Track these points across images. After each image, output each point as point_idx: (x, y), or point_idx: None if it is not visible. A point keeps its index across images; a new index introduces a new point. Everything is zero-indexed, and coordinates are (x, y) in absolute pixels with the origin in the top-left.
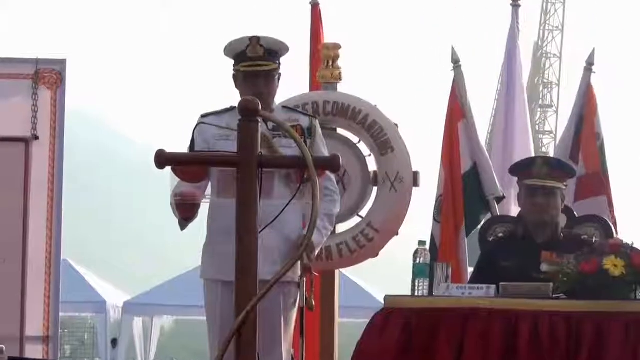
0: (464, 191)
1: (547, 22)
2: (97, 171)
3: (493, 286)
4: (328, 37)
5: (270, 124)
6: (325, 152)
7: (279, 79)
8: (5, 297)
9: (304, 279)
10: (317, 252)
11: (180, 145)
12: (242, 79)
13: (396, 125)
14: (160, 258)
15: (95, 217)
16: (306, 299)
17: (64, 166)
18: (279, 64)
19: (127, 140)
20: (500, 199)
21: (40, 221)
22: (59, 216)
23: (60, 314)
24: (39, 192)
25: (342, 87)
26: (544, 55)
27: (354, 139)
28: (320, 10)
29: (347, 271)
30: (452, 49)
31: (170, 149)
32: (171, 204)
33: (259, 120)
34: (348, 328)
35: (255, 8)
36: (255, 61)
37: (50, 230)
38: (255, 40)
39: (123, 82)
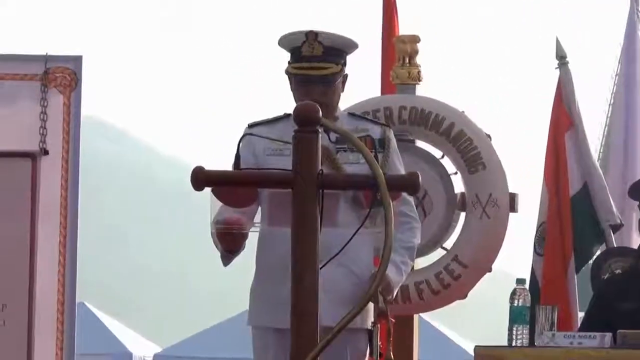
0: (572, 217)
1: None
2: (119, 192)
3: (609, 334)
4: (403, 29)
5: (334, 135)
6: (402, 170)
7: (344, 83)
8: (8, 351)
9: (378, 325)
10: (395, 292)
11: (220, 160)
12: (295, 82)
13: (488, 136)
14: (198, 300)
15: (118, 250)
16: (380, 351)
17: (79, 186)
18: (344, 64)
19: (153, 153)
20: (617, 227)
21: (51, 255)
22: (74, 248)
23: None
24: (48, 219)
25: (421, 90)
26: None
27: (437, 153)
28: None
29: (429, 316)
30: (557, 41)
31: (209, 165)
32: (212, 233)
33: (320, 130)
34: None
35: None
36: (311, 62)
37: (63, 267)
38: (312, 37)
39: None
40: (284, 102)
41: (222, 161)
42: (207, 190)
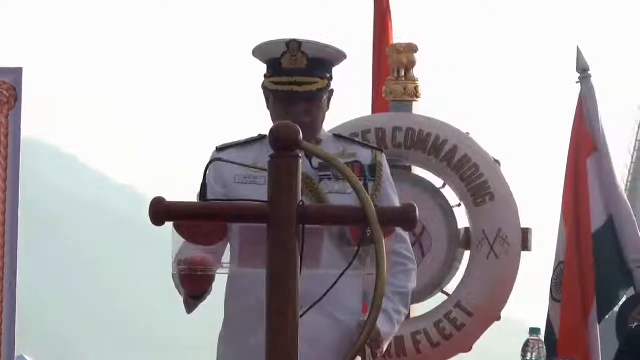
0: (595, 257)
1: None
2: (65, 226)
3: None
4: (398, 36)
5: (316, 161)
6: (396, 201)
7: (329, 99)
8: None
9: None
10: (385, 345)
11: (183, 190)
12: (273, 99)
13: (497, 162)
14: (158, 350)
15: (64, 292)
16: None
17: (19, 219)
18: (330, 78)
19: (105, 181)
20: None
21: None
22: (13, 293)
23: None
24: None
25: (419, 108)
26: None
27: (437, 181)
28: None
29: None
30: (578, 52)
31: (170, 195)
32: (174, 275)
33: (300, 155)
34: None
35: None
36: (292, 76)
37: (0, 315)
38: (294, 46)
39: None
40: (258, 121)
41: (186, 191)
42: (169, 224)
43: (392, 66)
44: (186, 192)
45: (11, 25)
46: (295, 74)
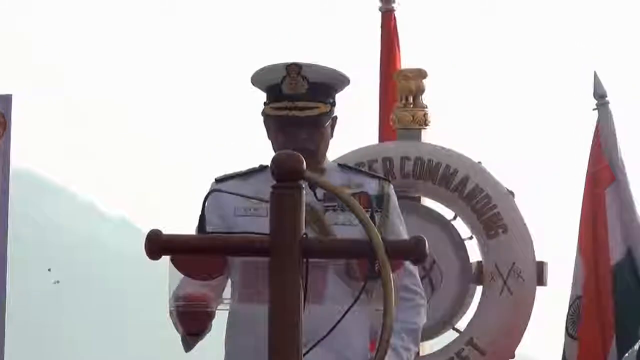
0: (614, 291)
1: None
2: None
3: None
4: (407, 61)
5: (321, 191)
6: (404, 233)
7: (333, 127)
8: None
9: None
10: None
11: (181, 223)
12: (274, 127)
13: (510, 192)
14: None
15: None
16: None
17: (7, 262)
18: (333, 103)
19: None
20: None
21: None
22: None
23: None
24: None
25: (428, 136)
26: None
27: (447, 213)
28: (395, 20)
29: None
30: (595, 77)
31: (167, 227)
32: (171, 311)
33: (303, 185)
34: None
35: (300, 17)
36: (294, 101)
37: None
38: (294, 70)
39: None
40: (259, 151)
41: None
42: (165, 259)
43: (400, 93)
44: (182, 224)
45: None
46: (295, 98)
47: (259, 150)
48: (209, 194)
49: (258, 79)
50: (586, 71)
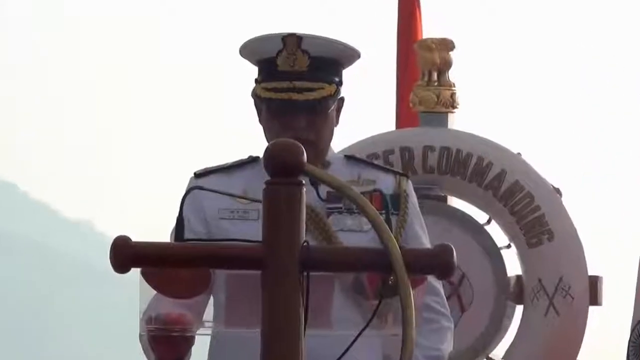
0: None
1: None
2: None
3: None
4: (430, 29)
5: (324, 189)
6: (426, 241)
7: (338, 111)
8: None
9: None
10: None
11: (152, 228)
12: (267, 111)
13: (557, 190)
14: None
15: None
16: None
17: None
18: (339, 83)
19: (54, 217)
20: None
21: None
22: None
23: None
24: None
25: (456, 121)
26: None
27: (480, 216)
28: None
29: None
30: None
31: (136, 234)
32: (141, 336)
33: (304, 182)
34: None
35: None
36: (290, 80)
37: None
38: (292, 42)
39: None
40: (248, 140)
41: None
42: (135, 271)
43: (422, 68)
44: (157, 230)
45: None
46: (293, 77)
47: (248, 138)
48: (188, 192)
49: (248, 50)
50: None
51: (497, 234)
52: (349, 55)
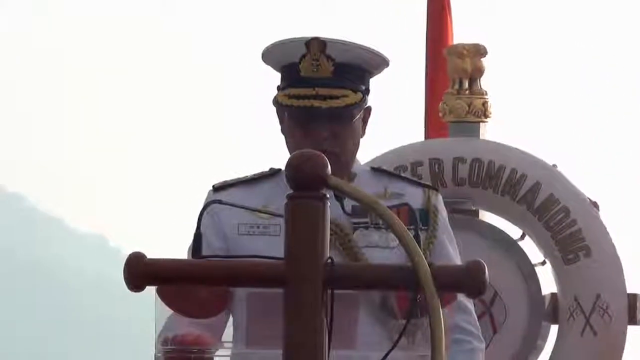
0: None
1: None
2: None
3: None
4: (461, 35)
5: (349, 203)
6: (457, 258)
7: (365, 120)
8: None
9: None
10: None
11: (169, 244)
12: (288, 119)
13: (595, 204)
14: None
15: None
16: None
17: None
18: (366, 91)
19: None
20: None
21: None
22: None
23: None
24: None
25: (489, 131)
26: None
27: (514, 231)
28: None
29: None
30: None
31: (152, 251)
32: (157, 357)
33: (328, 195)
34: None
35: None
36: (313, 87)
37: None
38: (316, 47)
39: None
40: (269, 151)
41: (173, 246)
42: (150, 289)
43: (452, 75)
44: (174, 246)
45: None
46: (317, 84)
47: (269, 150)
48: (206, 206)
49: (271, 56)
50: None
51: (531, 249)
52: (376, 62)
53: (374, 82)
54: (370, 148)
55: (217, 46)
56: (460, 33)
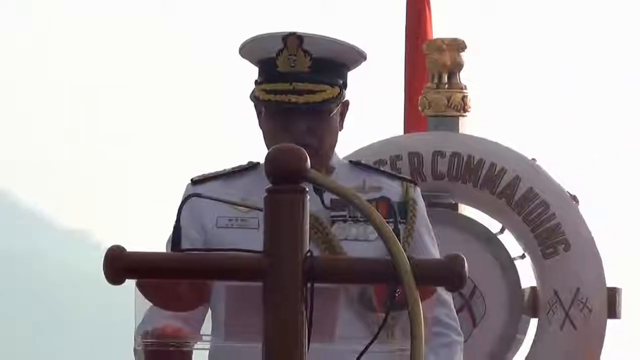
0: None
1: None
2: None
3: None
4: (439, 29)
5: (328, 197)
6: (435, 252)
7: (342, 115)
8: None
9: None
10: None
11: (148, 238)
12: (265, 114)
13: (574, 198)
14: None
15: None
16: None
17: None
18: (344, 85)
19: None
20: None
21: None
22: None
23: None
24: None
25: (468, 125)
26: None
27: (493, 225)
28: None
29: None
30: None
31: (131, 244)
32: (136, 350)
33: (307, 189)
34: None
35: None
36: (290, 82)
37: None
38: (293, 42)
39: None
40: (247, 145)
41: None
42: (130, 282)
43: (431, 69)
44: (154, 239)
45: None
46: (294, 79)
47: (247, 144)
48: (185, 199)
49: (247, 50)
50: None
51: (510, 243)
52: (353, 56)
53: (353, 76)
54: (349, 142)
55: (217, 46)
56: (440, 27)
